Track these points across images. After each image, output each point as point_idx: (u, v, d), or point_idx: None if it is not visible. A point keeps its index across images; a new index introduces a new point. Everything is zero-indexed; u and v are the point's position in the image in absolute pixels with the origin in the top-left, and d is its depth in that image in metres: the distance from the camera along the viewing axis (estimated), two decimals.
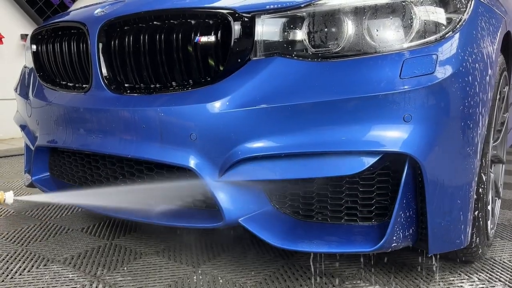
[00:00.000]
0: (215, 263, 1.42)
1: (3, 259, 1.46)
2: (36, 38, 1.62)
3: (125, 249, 1.54)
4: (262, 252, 1.50)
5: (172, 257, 1.47)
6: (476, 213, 1.24)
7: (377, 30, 1.09)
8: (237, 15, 1.14)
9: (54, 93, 1.52)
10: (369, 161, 1.07)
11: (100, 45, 1.33)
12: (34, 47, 1.63)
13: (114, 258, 1.47)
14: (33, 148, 1.64)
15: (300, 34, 1.12)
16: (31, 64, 1.70)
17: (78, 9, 1.62)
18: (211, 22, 1.18)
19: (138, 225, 1.77)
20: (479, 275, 1.33)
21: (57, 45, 1.50)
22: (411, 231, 1.14)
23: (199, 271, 1.36)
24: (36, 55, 1.63)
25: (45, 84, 1.58)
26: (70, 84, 1.49)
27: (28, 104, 1.65)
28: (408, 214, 1.12)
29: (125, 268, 1.39)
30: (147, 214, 1.34)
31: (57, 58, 1.51)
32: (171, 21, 1.22)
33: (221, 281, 1.30)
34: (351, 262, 1.41)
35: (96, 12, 1.37)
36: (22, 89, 1.76)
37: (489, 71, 1.19)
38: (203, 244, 1.58)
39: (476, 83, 1.12)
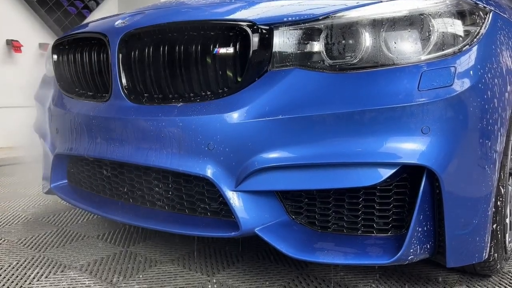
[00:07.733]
0: (229, 272, 1.42)
1: (21, 265, 1.48)
2: (57, 48, 1.66)
3: (140, 256, 1.56)
4: (276, 262, 1.50)
5: (187, 266, 1.48)
6: (494, 226, 1.23)
7: (395, 42, 1.09)
8: (255, 27, 1.16)
9: (74, 102, 1.55)
10: (387, 172, 1.07)
11: (120, 55, 1.36)
12: (55, 57, 1.67)
13: (130, 265, 1.48)
14: (52, 156, 1.67)
15: (317, 46, 1.13)
16: (51, 74, 1.74)
17: (98, 20, 1.66)
18: (230, 34, 1.20)
19: (153, 233, 1.78)
20: None
21: (78, 55, 1.54)
22: (428, 243, 1.13)
23: (214, 280, 1.37)
24: (57, 65, 1.67)
25: (65, 93, 1.62)
26: (90, 94, 1.52)
27: (48, 112, 1.68)
28: (425, 226, 1.11)
29: (141, 276, 1.40)
30: (162, 222, 1.35)
31: (77, 68, 1.54)
32: (191, 32, 1.24)
33: None
34: (366, 274, 1.40)
35: (116, 23, 1.40)
36: (42, 97, 1.80)
37: (508, 87, 1.18)
38: (218, 253, 1.58)
39: (495, 98, 1.12)
